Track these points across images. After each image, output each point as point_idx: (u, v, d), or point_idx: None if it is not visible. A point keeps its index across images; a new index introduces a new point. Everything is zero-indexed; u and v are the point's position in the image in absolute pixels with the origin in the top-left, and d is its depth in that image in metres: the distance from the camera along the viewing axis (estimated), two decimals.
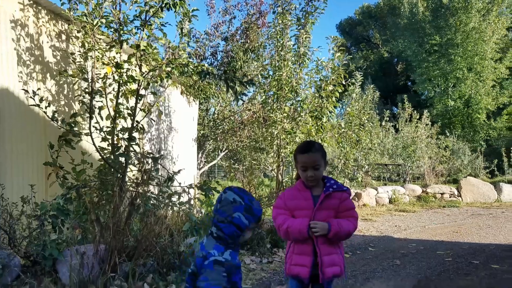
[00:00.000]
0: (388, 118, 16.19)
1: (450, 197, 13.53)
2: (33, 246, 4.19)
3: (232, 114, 11.48)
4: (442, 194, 13.67)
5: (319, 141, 7.15)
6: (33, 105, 4.43)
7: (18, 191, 4.44)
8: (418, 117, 17.64)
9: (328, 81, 7.00)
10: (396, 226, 8.47)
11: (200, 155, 11.29)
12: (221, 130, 11.39)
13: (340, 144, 8.12)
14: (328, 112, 6.95)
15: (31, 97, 4.35)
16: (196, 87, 9.40)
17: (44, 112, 4.45)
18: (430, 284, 4.37)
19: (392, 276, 4.66)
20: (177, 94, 8.98)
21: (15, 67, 4.71)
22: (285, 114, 6.98)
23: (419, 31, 26.47)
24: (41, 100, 4.38)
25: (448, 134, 18.56)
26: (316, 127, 6.98)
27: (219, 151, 12.32)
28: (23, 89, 4.53)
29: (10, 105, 4.63)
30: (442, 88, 25.77)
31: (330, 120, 7.33)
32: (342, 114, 10.43)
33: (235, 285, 1.74)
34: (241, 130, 10.59)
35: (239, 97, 4.94)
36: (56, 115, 4.51)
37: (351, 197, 2.62)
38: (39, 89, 4.70)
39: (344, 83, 7.08)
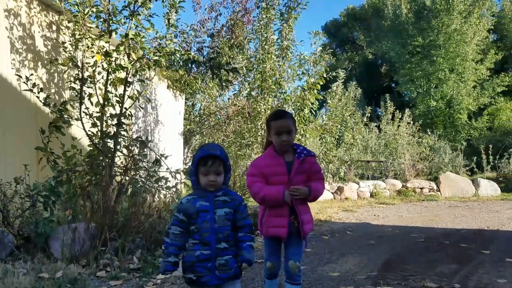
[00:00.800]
0: (370, 115, 16.58)
1: (429, 192, 13.97)
2: (26, 224, 4.39)
3: (218, 109, 11.72)
4: (421, 188, 14.09)
5: (301, 132, 7.45)
6: (26, 90, 4.63)
7: (11, 173, 4.62)
8: (400, 116, 18.12)
9: (310, 74, 7.31)
10: (375, 215, 8.81)
11: (186, 150, 11.49)
12: (207, 126, 11.63)
13: (322, 135, 8.42)
14: (310, 103, 7.25)
15: (24, 82, 4.54)
16: (182, 82, 9.62)
17: (36, 97, 4.65)
18: (401, 257, 4.68)
19: (366, 252, 4.96)
20: (164, 88, 9.19)
21: (8, 54, 4.90)
22: (269, 106, 7.26)
23: (402, 33, 27.05)
24: (33, 85, 4.58)
25: (429, 133, 19.06)
26: (298, 118, 7.27)
27: None
28: (17, 74, 4.72)
29: (3, 91, 4.81)
30: (425, 89, 26.36)
31: (312, 112, 7.63)
32: (325, 112, 10.75)
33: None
34: (226, 125, 10.83)
35: (224, 85, 5.20)
36: (48, 100, 4.70)
37: (333, 186, 3.00)
38: (31, 74, 4.88)
39: (325, 76, 7.39)
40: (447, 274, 3.93)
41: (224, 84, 5.24)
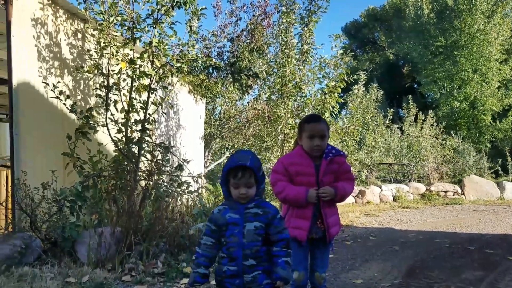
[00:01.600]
0: (392, 117, 16.37)
1: (453, 195, 13.71)
2: (53, 228, 4.50)
3: (238, 113, 11.77)
4: (445, 192, 13.85)
5: None
6: (53, 97, 4.76)
7: (38, 179, 4.74)
8: (423, 118, 17.83)
9: (331, 78, 7.29)
10: (398, 220, 8.70)
11: (206, 153, 11.58)
12: (227, 129, 11.69)
13: (342, 138, 8.36)
14: (330, 107, 7.23)
15: (51, 89, 4.67)
16: (203, 86, 9.71)
17: (63, 103, 4.78)
18: (425, 264, 4.61)
19: (390, 258, 4.91)
20: (185, 93, 9.29)
21: (35, 62, 5.04)
22: (289, 110, 7.26)
23: (424, 33, 26.63)
24: (60, 93, 4.71)
25: (453, 135, 18.69)
26: None
27: (225, 149, 12.61)
28: (44, 82, 4.86)
29: (31, 98, 4.95)
30: (448, 90, 25.87)
31: (332, 116, 7.60)
32: (346, 114, 10.69)
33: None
34: (246, 129, 10.87)
35: (244, 89, 5.23)
36: (74, 107, 4.82)
37: (354, 190, 2.92)
38: (58, 82, 5.01)
39: (346, 79, 7.35)
40: (472, 281, 3.85)
41: (244, 89, 5.27)
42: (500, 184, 14.09)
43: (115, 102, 5.16)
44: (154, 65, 5.20)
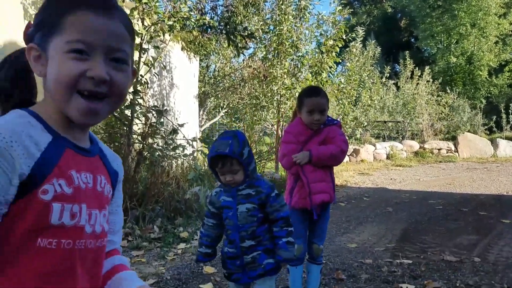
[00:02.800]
0: (388, 75, 16.18)
1: (447, 153, 13.83)
2: None
3: (233, 71, 11.53)
4: (439, 149, 13.96)
5: None
6: None
7: None
8: (419, 74, 17.63)
9: (329, 36, 7.08)
10: (391, 179, 8.79)
11: (201, 112, 11.44)
12: (221, 88, 11.49)
13: (340, 100, 8.27)
14: (328, 67, 7.07)
15: None
16: (196, 43, 9.42)
17: None
18: (419, 227, 4.68)
19: (384, 221, 4.97)
20: (178, 50, 9.02)
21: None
22: (285, 70, 7.10)
23: None
24: None
25: (449, 91, 18.60)
26: (316, 83, 7.11)
27: (220, 108, 12.46)
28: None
29: None
30: (445, 45, 25.49)
31: (330, 76, 7.46)
32: (342, 71, 10.49)
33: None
34: (241, 87, 10.69)
35: (240, 51, 5.06)
36: None
37: (341, 133, 2.62)
38: None
39: (344, 37, 7.15)
40: (466, 246, 3.91)
41: (239, 50, 5.08)
42: (493, 141, 14.20)
43: None
44: (145, 23, 4.98)
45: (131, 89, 4.96)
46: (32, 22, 0.83)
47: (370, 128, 16.31)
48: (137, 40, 5.07)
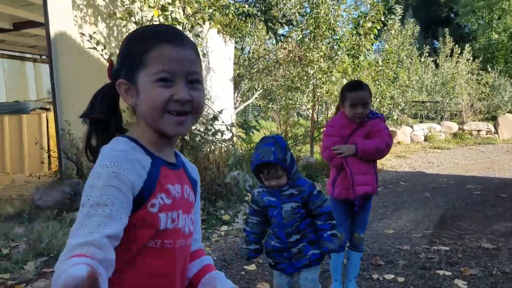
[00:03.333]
0: (428, 54, 15.70)
1: (486, 134, 13.46)
2: None
3: (267, 52, 11.54)
4: (478, 131, 13.60)
5: (356, 79, 7.28)
6: (90, 48, 4.81)
7: (81, 128, 4.92)
8: (459, 51, 17.01)
9: (367, 18, 6.98)
10: (429, 162, 8.70)
11: (235, 94, 11.57)
12: (256, 70, 11.54)
13: (377, 82, 8.19)
14: (365, 50, 7.01)
15: (88, 40, 4.71)
16: (232, 26, 9.48)
17: (100, 54, 4.83)
18: (457, 213, 4.69)
19: (421, 206, 5.01)
20: (214, 34, 9.12)
21: (70, 11, 5.04)
22: (322, 53, 7.08)
23: None
24: (97, 43, 4.75)
25: (490, 69, 17.88)
26: (353, 66, 7.08)
27: (254, 90, 12.54)
28: (81, 33, 4.88)
29: (68, 48, 5.02)
30: (486, 21, 24.37)
31: (367, 58, 7.39)
32: (379, 50, 10.33)
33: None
34: (276, 69, 10.70)
35: (278, 39, 5.12)
36: (112, 57, 4.87)
37: (386, 126, 2.65)
38: (94, 32, 5.02)
39: (383, 19, 7.04)
40: (504, 234, 3.93)
41: (278, 38, 5.14)
42: None
43: None
44: (186, 12, 5.11)
45: None
46: (113, 61, 0.97)
47: (407, 108, 15.99)
48: (179, 28, 5.22)
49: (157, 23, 5.14)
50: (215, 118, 5.00)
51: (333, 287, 2.60)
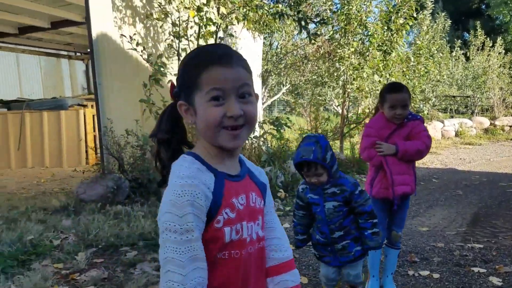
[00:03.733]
0: (458, 47, 15.38)
1: None
2: (137, 171, 4.98)
3: (295, 48, 11.59)
4: (510, 126, 13.29)
5: (387, 76, 7.28)
6: (130, 49, 5.01)
7: (120, 125, 5.15)
8: (491, 44, 16.57)
9: (399, 14, 6.96)
10: (460, 159, 8.62)
11: (263, 90, 11.68)
12: (283, 65, 11.61)
13: (408, 77, 8.14)
14: (397, 46, 6.99)
15: (128, 41, 4.91)
16: (261, 22, 9.57)
17: (140, 55, 5.03)
18: (490, 211, 4.69)
19: (454, 204, 5.02)
20: (243, 31, 9.24)
21: (110, 13, 5.25)
22: (353, 49, 7.10)
23: None
24: (137, 44, 4.94)
25: None
26: (385, 62, 7.08)
27: (282, 86, 12.62)
28: (121, 34, 5.09)
29: (109, 49, 5.24)
30: None
31: (399, 54, 7.36)
32: (410, 44, 10.23)
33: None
34: (304, 65, 10.75)
35: (312, 38, 5.20)
36: (150, 58, 5.07)
37: (425, 128, 2.74)
38: (135, 34, 5.21)
39: (415, 15, 7.01)
40: None
41: (311, 37, 5.21)
42: None
43: (184, 50, 5.34)
44: (221, 12, 5.24)
45: None
46: (174, 84, 1.08)
47: (438, 103, 15.75)
48: (213, 28, 5.37)
49: (192, 23, 5.31)
50: None
51: (371, 282, 2.70)
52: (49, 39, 10.55)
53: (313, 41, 10.41)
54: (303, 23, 4.96)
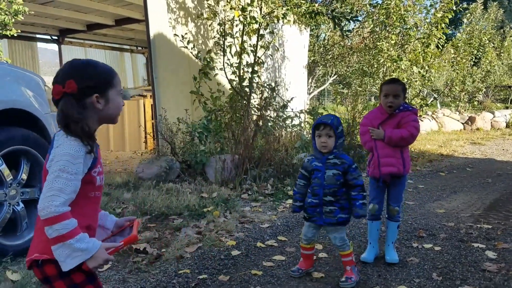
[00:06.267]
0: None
1: None
2: (187, 154, 5.69)
3: (342, 39, 11.88)
4: None
5: (426, 67, 7.49)
6: (182, 46, 5.70)
7: (173, 113, 5.88)
8: None
9: (438, 8, 7.14)
10: (503, 149, 8.60)
11: (310, 80, 12.10)
12: (330, 56, 11.95)
13: (455, 67, 8.23)
14: (436, 39, 7.18)
15: (180, 40, 5.60)
16: (307, 16, 9.98)
17: (190, 52, 5.70)
18: (511, 198, 4.91)
19: (478, 191, 5.27)
20: (290, 23, 9.71)
21: (165, 14, 5.97)
22: (392, 42, 7.37)
23: None
24: (188, 42, 5.62)
25: None
26: (424, 54, 7.29)
27: (328, 76, 12.96)
28: (175, 34, 5.80)
29: (164, 46, 5.97)
30: None
31: (438, 47, 7.53)
32: (455, 37, 10.17)
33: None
34: (350, 56, 11.04)
35: (345, 34, 5.60)
36: (199, 55, 5.73)
37: (417, 114, 3.23)
38: (186, 33, 5.90)
39: (454, 8, 7.14)
40: None
41: (344, 33, 5.62)
42: None
43: (230, 47, 5.95)
44: (263, 12, 5.78)
45: (249, 69, 5.89)
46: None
47: (491, 93, 15.35)
48: (256, 26, 5.93)
49: (237, 22, 5.90)
50: (284, 106, 5.66)
51: (368, 249, 3.19)
52: (113, 34, 11.64)
53: (358, 33, 10.73)
54: (336, 20, 5.38)
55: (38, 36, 10.61)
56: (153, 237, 3.53)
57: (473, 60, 9.94)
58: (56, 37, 10.82)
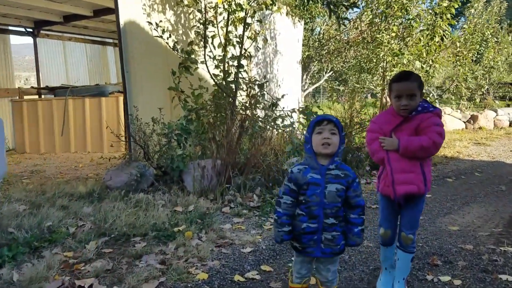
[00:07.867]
0: None
1: None
2: (163, 159, 5.00)
3: (338, 33, 11.20)
4: None
5: (430, 62, 6.85)
6: (156, 36, 5.00)
7: (148, 113, 5.20)
8: None
9: None
10: (511, 151, 7.99)
11: (304, 76, 11.43)
12: (326, 51, 11.27)
13: (457, 62, 7.60)
14: (441, 31, 6.53)
15: (154, 29, 4.90)
16: (301, 7, 9.29)
17: (166, 42, 5.00)
18: None
19: (493, 201, 4.63)
20: (282, 16, 9.02)
21: (139, 0, 5.26)
22: (393, 34, 6.72)
23: None
24: (163, 31, 4.92)
25: None
26: (428, 47, 6.64)
27: (324, 72, 12.30)
28: (148, 22, 5.09)
29: (137, 37, 5.27)
30: None
31: (443, 40, 6.88)
32: (459, 29, 9.56)
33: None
34: (346, 51, 10.38)
35: (341, 22, 4.94)
36: (176, 45, 5.03)
37: (441, 117, 2.47)
38: (161, 21, 5.20)
39: None
40: None
41: (341, 21, 4.95)
42: None
43: (212, 37, 5.26)
44: None
45: (235, 63, 5.20)
46: None
47: (492, 91, 14.81)
48: (242, 14, 5.24)
49: (221, 9, 5.21)
50: (273, 104, 4.99)
51: (383, 274, 2.59)
52: (94, 27, 10.89)
53: (355, 26, 10.05)
54: (332, 7, 4.70)
55: (10, 28, 9.83)
56: (105, 268, 2.85)
57: (475, 55, 9.31)
58: (31, 30, 10.05)
